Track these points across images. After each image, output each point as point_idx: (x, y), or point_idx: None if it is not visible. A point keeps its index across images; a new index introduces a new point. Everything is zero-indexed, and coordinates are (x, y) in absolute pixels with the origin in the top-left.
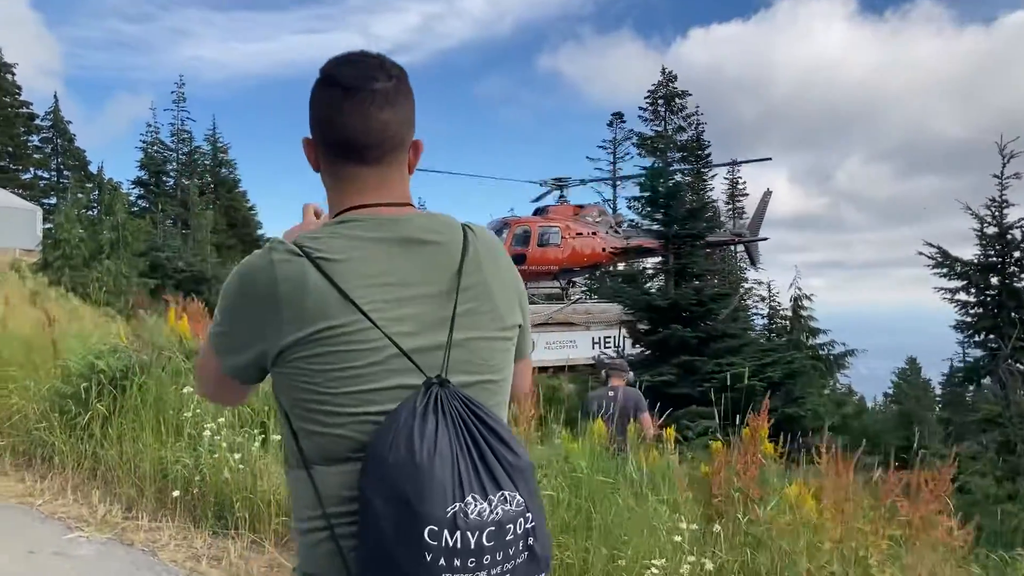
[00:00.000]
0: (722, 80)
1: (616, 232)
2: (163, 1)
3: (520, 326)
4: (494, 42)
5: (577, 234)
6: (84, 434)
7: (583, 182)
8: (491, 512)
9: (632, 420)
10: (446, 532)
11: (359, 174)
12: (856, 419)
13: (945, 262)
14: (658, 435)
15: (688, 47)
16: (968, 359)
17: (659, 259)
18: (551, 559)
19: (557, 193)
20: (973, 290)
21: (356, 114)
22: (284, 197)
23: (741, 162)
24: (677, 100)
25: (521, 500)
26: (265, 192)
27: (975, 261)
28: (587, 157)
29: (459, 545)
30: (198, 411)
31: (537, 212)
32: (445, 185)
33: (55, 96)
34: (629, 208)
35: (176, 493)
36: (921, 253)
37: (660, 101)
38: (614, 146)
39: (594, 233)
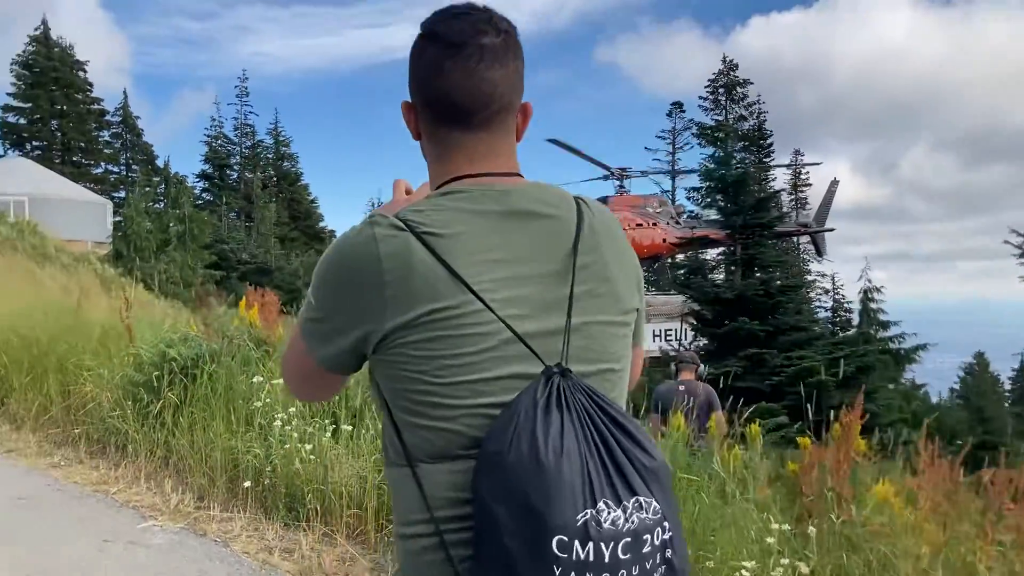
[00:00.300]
0: (782, 69)
1: (677, 223)
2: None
3: (638, 310)
4: (552, 35)
5: (637, 225)
6: (156, 423)
7: (644, 173)
8: (626, 521)
9: (708, 415)
10: (577, 543)
11: (464, 140)
12: (927, 414)
13: None
14: (733, 431)
15: (748, 36)
16: None
17: (722, 250)
18: (689, 573)
19: (616, 183)
20: None
21: (461, 73)
22: (345, 189)
23: (795, 164)
24: (738, 89)
25: (658, 507)
26: (327, 185)
27: None
28: (645, 148)
29: (592, 558)
30: (267, 400)
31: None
32: None
33: (124, 93)
34: (688, 199)
35: (247, 484)
36: (1007, 242)
37: (721, 90)
38: (673, 136)
39: (654, 224)
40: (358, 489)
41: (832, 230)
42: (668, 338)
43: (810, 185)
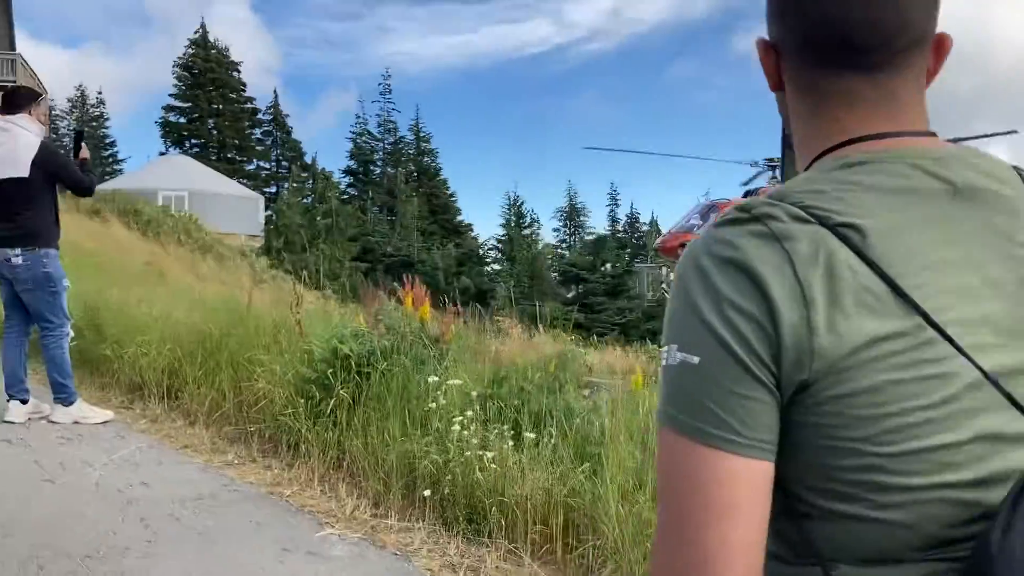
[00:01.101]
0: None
1: None
2: (368, 0)
3: None
4: (688, 24)
5: None
6: (328, 421)
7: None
8: None
9: None
10: None
11: (856, 88)
12: None
13: None
14: None
15: None
16: None
17: None
18: None
19: (769, 175)
20: None
21: None
22: (482, 184)
23: (986, 135)
24: None
25: None
26: (464, 180)
27: None
28: (764, 159)
29: None
30: (443, 402)
31: (747, 195)
32: (634, 170)
33: (275, 92)
34: None
35: (427, 493)
36: None
37: None
38: None
39: None
40: (543, 503)
41: None
42: None
43: None
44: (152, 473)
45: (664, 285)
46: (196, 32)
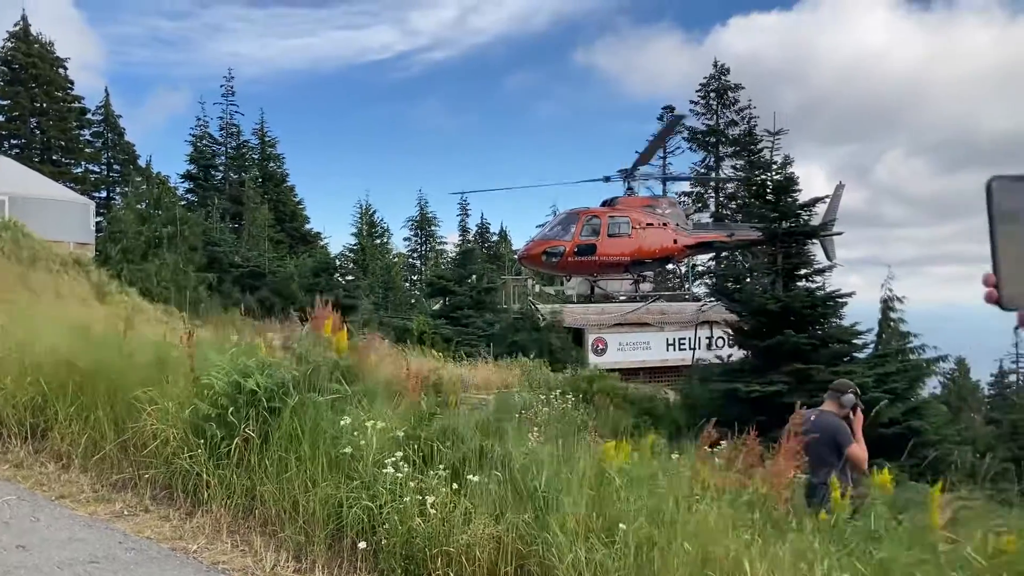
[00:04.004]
0: (762, 70)
1: (687, 225)
2: None
3: None
4: (529, 36)
5: (648, 225)
6: (230, 462)
7: (665, 178)
8: None
9: (837, 456)
10: None
11: None
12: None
13: None
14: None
15: (728, 36)
16: None
17: (755, 257)
18: None
19: (625, 186)
20: None
21: None
22: (329, 191)
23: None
24: (729, 94)
25: None
26: (311, 187)
27: None
28: (636, 152)
29: None
30: (363, 443)
31: (606, 203)
32: (485, 182)
33: (106, 90)
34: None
35: (363, 545)
36: None
37: (712, 94)
38: (664, 141)
39: (665, 224)
40: (492, 553)
41: (840, 233)
42: (682, 347)
43: (800, 190)
44: (29, 532)
45: (531, 298)
46: (16, 25)
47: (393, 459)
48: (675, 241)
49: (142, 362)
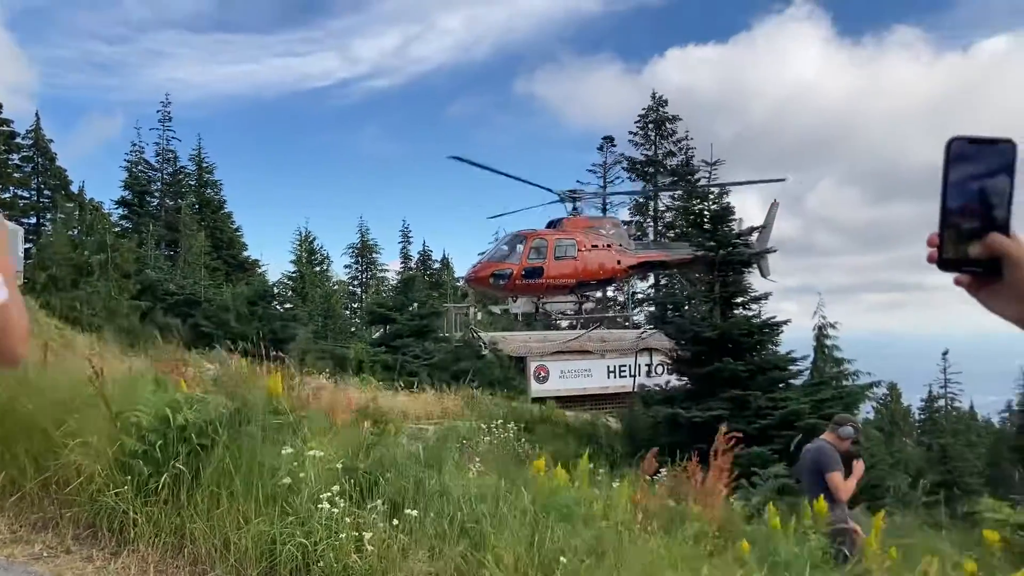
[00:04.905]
0: (699, 101)
1: (629, 246)
2: (140, 23)
3: None
4: (471, 65)
5: (593, 246)
6: (159, 499)
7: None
8: None
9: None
10: None
11: None
12: (882, 452)
13: None
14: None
15: (666, 67)
16: None
17: (692, 284)
18: None
19: (570, 206)
20: None
21: None
22: (268, 218)
23: (754, 181)
24: (667, 125)
25: None
26: (249, 213)
27: None
28: (577, 181)
29: None
30: (301, 475)
31: (551, 225)
32: (426, 207)
33: (37, 115)
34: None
35: None
36: None
37: (650, 125)
38: (604, 170)
39: (608, 246)
40: None
41: (774, 251)
42: (623, 374)
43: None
44: None
45: (473, 326)
46: None
47: (329, 493)
48: (618, 262)
49: (62, 396)
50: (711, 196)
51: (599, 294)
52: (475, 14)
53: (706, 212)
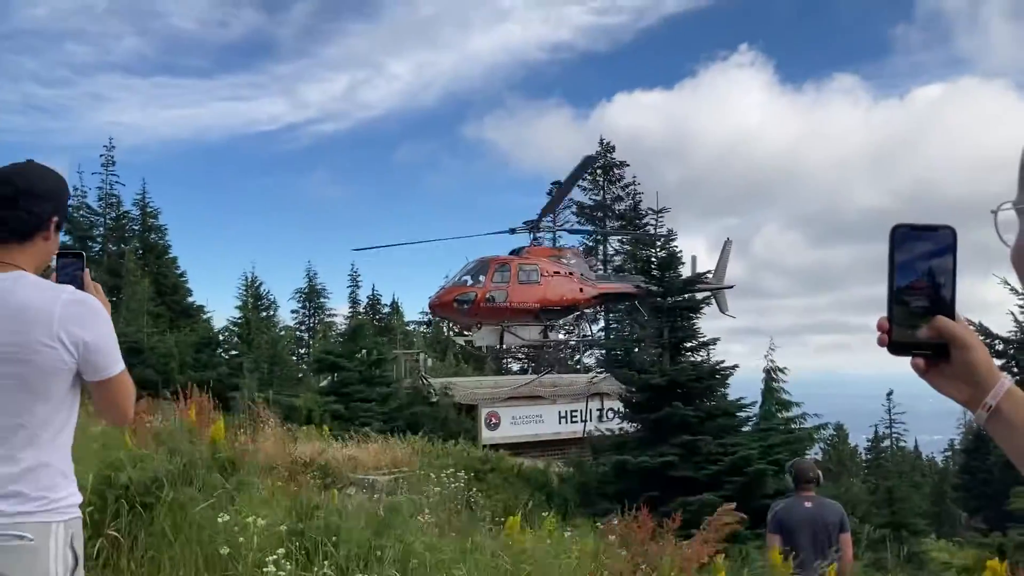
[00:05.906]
0: (646, 145)
1: (591, 277)
2: (81, 66)
3: None
4: (419, 110)
5: (555, 273)
6: (96, 564)
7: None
8: None
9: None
10: None
11: None
12: (829, 494)
13: (985, 339)
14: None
15: (613, 111)
16: None
17: (642, 329)
18: None
19: (531, 236)
20: (1015, 368)
21: None
22: (213, 263)
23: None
24: (615, 170)
25: None
26: (196, 259)
27: (1014, 338)
28: (524, 222)
29: None
30: (241, 540)
31: (514, 252)
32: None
33: None
34: None
35: None
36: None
37: (599, 171)
38: (554, 215)
39: (571, 274)
40: None
41: (732, 287)
42: (574, 419)
43: (683, 264)
44: None
45: (423, 372)
46: None
47: (274, 557)
48: (581, 290)
49: None
50: (658, 243)
51: (553, 335)
52: (423, 60)
53: (653, 259)
